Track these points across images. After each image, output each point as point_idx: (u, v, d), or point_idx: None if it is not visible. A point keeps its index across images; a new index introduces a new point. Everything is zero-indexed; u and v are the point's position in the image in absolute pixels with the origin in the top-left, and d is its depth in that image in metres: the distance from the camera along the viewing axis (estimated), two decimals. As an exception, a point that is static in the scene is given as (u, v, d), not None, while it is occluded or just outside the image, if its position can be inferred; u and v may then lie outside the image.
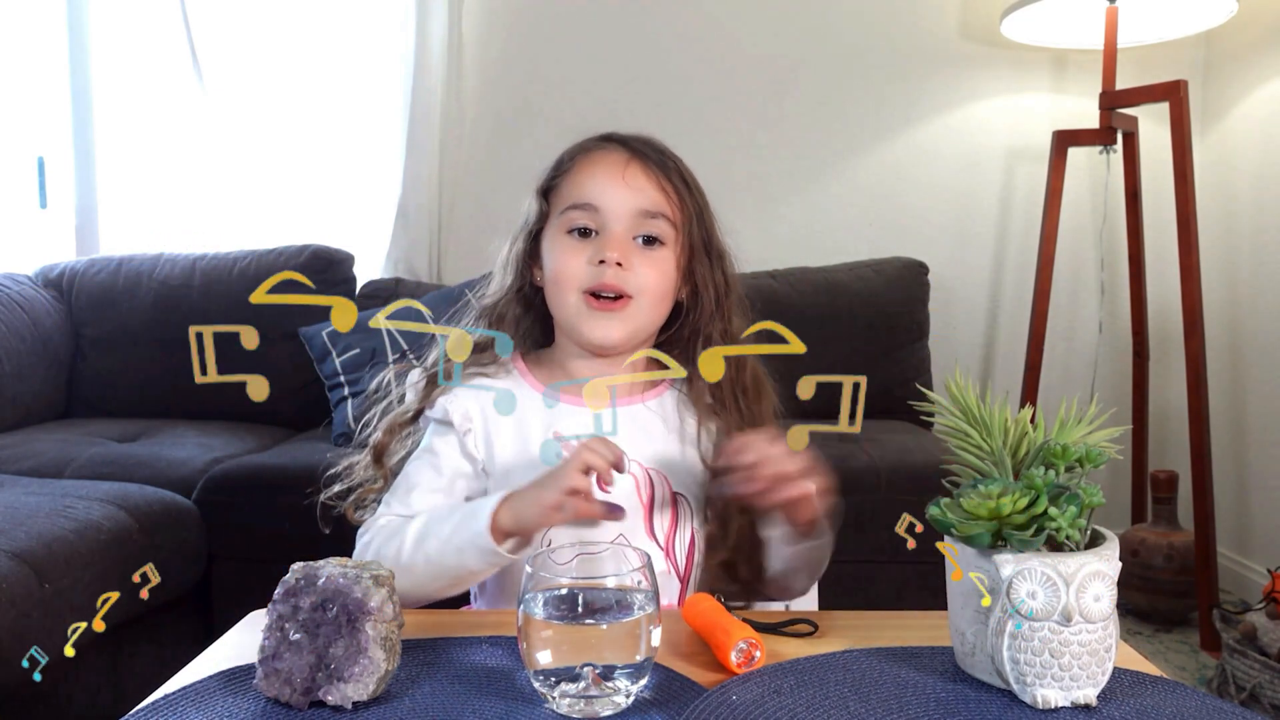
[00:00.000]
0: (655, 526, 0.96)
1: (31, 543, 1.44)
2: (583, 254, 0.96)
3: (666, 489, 0.97)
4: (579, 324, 0.97)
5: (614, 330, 0.96)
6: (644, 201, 0.97)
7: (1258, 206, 2.48)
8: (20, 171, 2.76)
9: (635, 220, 0.97)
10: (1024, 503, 0.66)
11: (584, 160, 1.00)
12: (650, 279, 0.96)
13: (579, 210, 0.97)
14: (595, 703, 0.65)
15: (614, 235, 0.96)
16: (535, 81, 2.77)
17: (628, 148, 0.99)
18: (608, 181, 0.97)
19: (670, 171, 0.99)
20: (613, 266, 0.94)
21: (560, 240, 0.98)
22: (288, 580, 0.69)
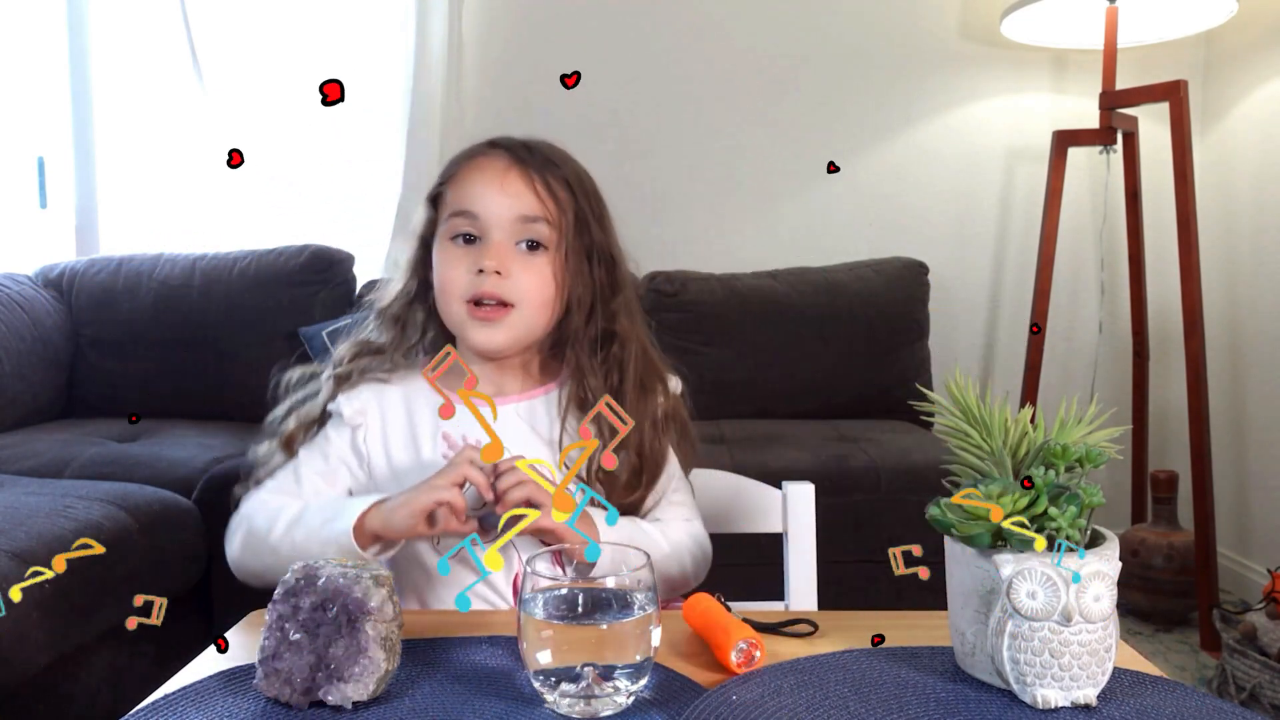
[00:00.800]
0: None
1: (31, 543, 1.44)
2: (463, 263, 0.97)
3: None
4: (463, 331, 0.99)
5: (496, 337, 0.98)
6: (522, 207, 0.97)
7: (1258, 206, 2.48)
8: (20, 171, 2.76)
9: (515, 226, 0.98)
10: (1024, 503, 0.66)
11: (467, 167, 1.01)
12: (530, 285, 0.97)
13: (461, 218, 0.99)
14: (595, 703, 0.65)
15: (494, 243, 0.97)
16: (535, 81, 2.77)
17: (510, 154, 1.00)
18: (486, 189, 0.98)
19: (551, 175, 0.99)
20: (491, 275, 0.96)
21: (444, 248, 1.00)
22: (288, 580, 0.69)
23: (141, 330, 2.43)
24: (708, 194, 2.76)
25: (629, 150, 2.66)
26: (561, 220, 0.98)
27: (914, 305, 2.51)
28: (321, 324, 2.28)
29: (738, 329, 2.42)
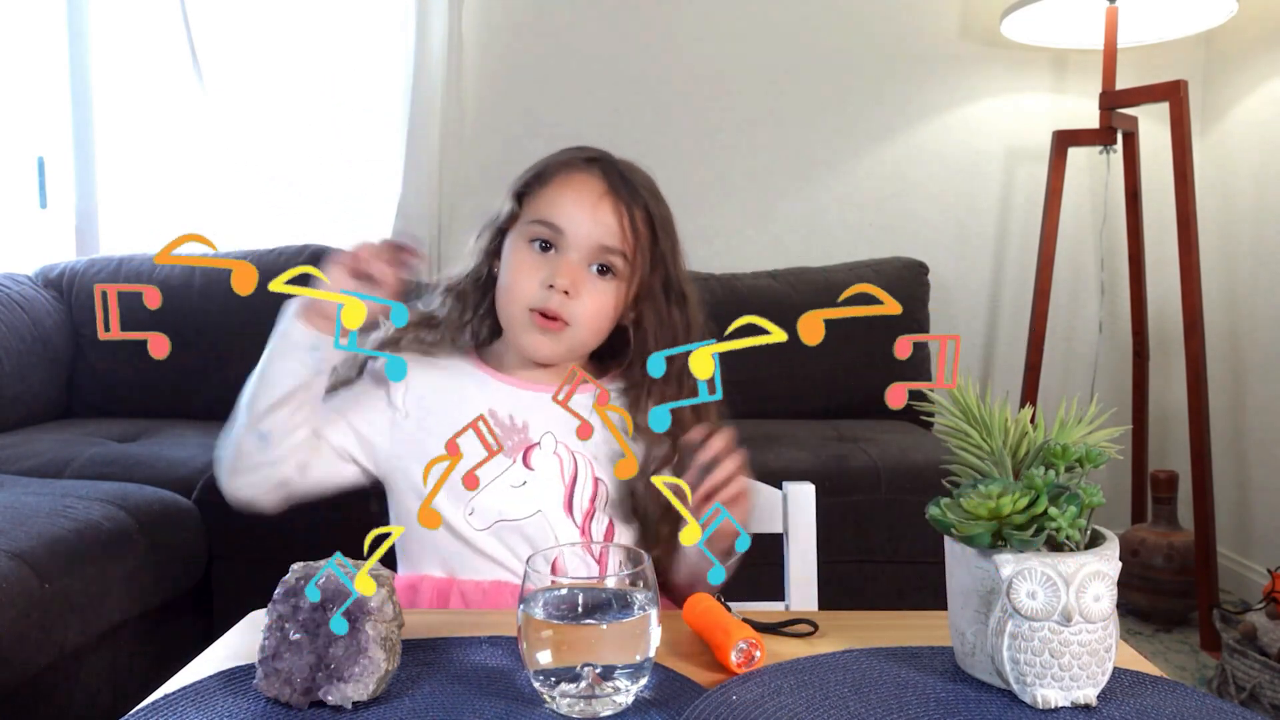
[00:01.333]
0: (574, 505, 1.01)
1: (31, 543, 1.44)
2: (537, 273, 1.00)
3: (590, 473, 1.02)
4: (518, 333, 1.01)
5: (547, 348, 1.01)
6: (607, 237, 1.00)
7: (1258, 206, 2.48)
8: (20, 171, 2.75)
9: (595, 252, 1.00)
10: (1024, 503, 0.66)
11: (563, 179, 1.02)
12: (591, 309, 1.00)
13: (544, 227, 1.00)
14: (595, 703, 0.65)
15: (569, 263, 0.99)
16: (535, 82, 2.77)
17: (607, 179, 1.02)
18: (578, 209, 1.00)
19: (640, 211, 1.01)
20: (560, 294, 0.98)
21: (520, 249, 1.02)
22: (288, 580, 0.69)
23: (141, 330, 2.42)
24: (708, 194, 2.76)
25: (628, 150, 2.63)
26: (636, 256, 1.01)
27: (914, 305, 2.51)
28: (321, 324, 2.28)
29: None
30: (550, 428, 1.01)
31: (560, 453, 1.01)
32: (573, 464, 1.01)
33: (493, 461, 0.96)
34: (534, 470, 0.99)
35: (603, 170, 1.03)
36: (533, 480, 1.00)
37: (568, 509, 1.00)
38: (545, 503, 0.99)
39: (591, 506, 1.02)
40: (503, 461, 0.99)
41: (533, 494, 0.99)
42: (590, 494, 1.02)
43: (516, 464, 1.00)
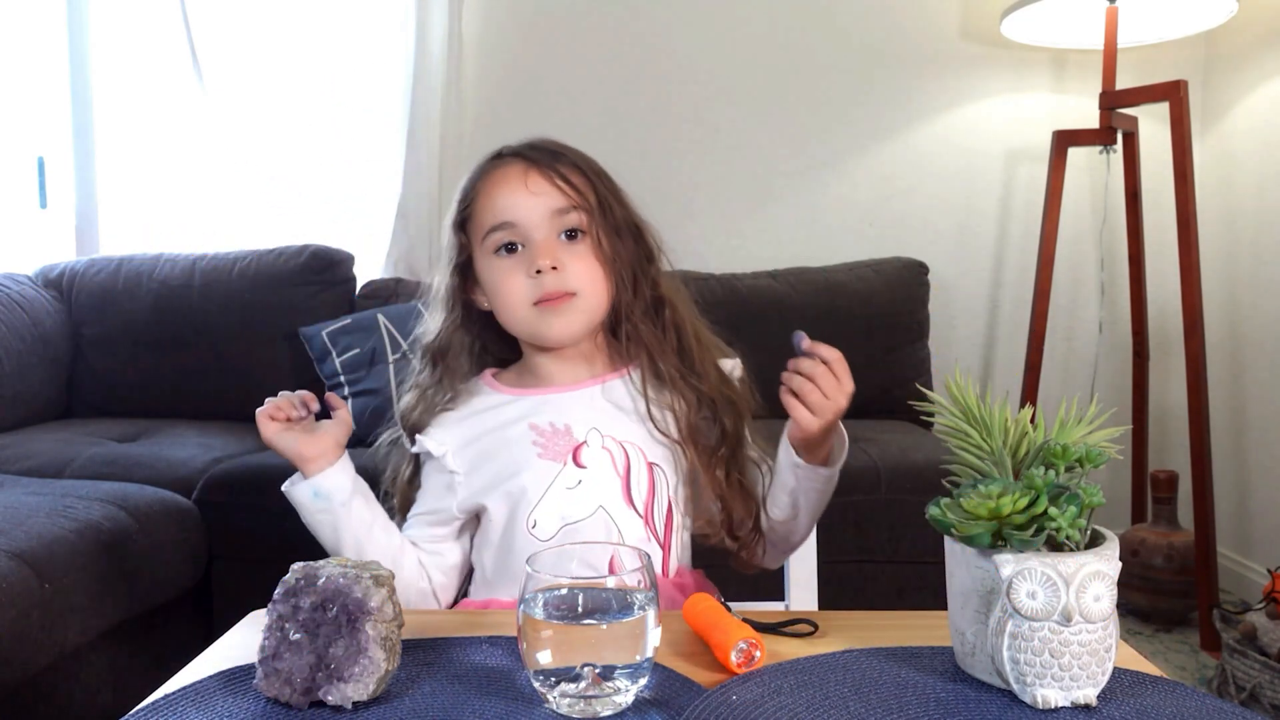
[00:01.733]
0: (633, 495, 1.01)
1: (31, 543, 1.44)
2: (519, 271, 1.00)
3: (643, 459, 1.02)
4: (539, 331, 1.01)
5: (571, 324, 1.01)
6: (552, 202, 1.00)
7: (1258, 206, 2.48)
8: (20, 171, 2.76)
9: (552, 221, 1.00)
10: (1024, 503, 0.66)
11: (486, 182, 1.03)
12: (583, 271, 1.00)
13: (499, 231, 1.01)
14: (595, 703, 0.65)
15: (539, 243, 0.99)
16: (535, 81, 2.77)
17: (521, 157, 1.02)
18: (514, 195, 1.00)
19: (563, 165, 1.02)
20: (549, 273, 0.98)
21: (492, 263, 1.02)
22: (288, 580, 0.69)
23: (141, 330, 2.43)
24: (708, 194, 2.76)
25: (628, 150, 2.65)
26: (587, 204, 1.01)
27: (914, 305, 2.51)
28: (321, 324, 2.28)
29: (738, 329, 2.41)
30: (593, 423, 1.01)
31: (609, 445, 1.01)
32: (623, 455, 1.01)
33: (545, 468, 0.99)
34: (586, 468, 1.00)
35: (513, 154, 1.04)
36: (587, 478, 1.00)
37: (628, 500, 1.00)
38: (604, 498, 1.00)
39: (650, 494, 1.02)
40: (554, 466, 1.00)
41: (590, 492, 1.00)
42: (647, 481, 1.02)
43: (568, 466, 1.00)
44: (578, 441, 1.01)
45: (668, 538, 1.02)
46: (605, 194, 1.03)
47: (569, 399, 1.03)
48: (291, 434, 0.98)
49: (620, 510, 1.00)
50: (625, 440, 1.02)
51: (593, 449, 1.01)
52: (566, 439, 1.01)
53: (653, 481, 1.02)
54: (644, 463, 1.02)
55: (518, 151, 1.04)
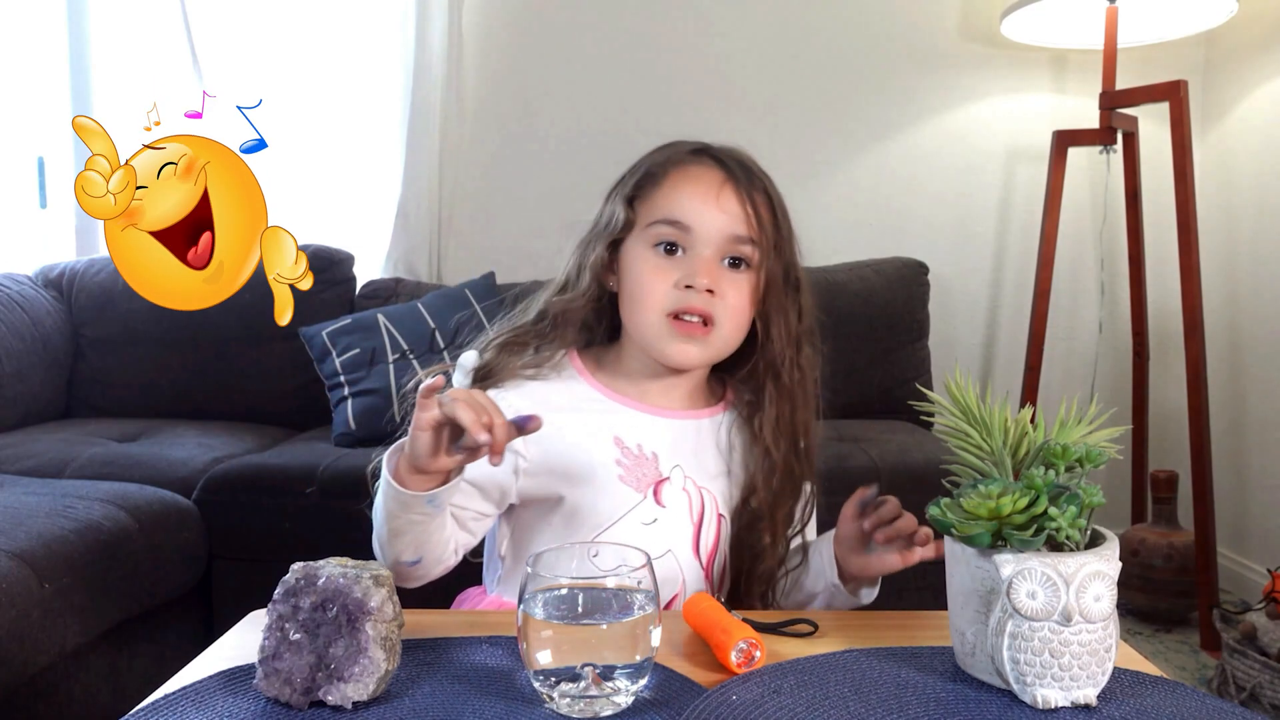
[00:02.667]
0: (701, 544, 0.97)
1: (31, 543, 1.44)
2: (669, 275, 0.94)
3: (715, 509, 0.98)
4: (659, 344, 0.95)
5: (695, 354, 0.95)
6: (735, 226, 0.95)
7: (1258, 206, 2.48)
8: (20, 171, 2.75)
9: (725, 244, 0.95)
10: (1024, 503, 0.66)
11: (678, 175, 0.97)
12: (735, 304, 0.95)
13: (669, 226, 0.95)
14: (595, 703, 0.65)
15: (704, 259, 0.94)
16: (536, 81, 2.77)
17: (723, 167, 0.97)
18: (702, 202, 0.95)
19: (760, 196, 0.97)
20: (701, 293, 0.93)
21: (646, 255, 0.96)
22: (288, 580, 0.69)
23: (141, 330, 2.42)
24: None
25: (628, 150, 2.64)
26: (765, 242, 0.96)
27: (914, 305, 2.50)
28: (321, 324, 2.28)
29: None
30: (678, 460, 0.97)
31: (689, 488, 0.97)
32: (700, 501, 0.97)
33: (624, 495, 0.94)
34: (665, 507, 0.95)
35: (714, 159, 0.98)
36: (663, 518, 0.95)
37: (695, 550, 0.96)
38: (674, 542, 0.95)
39: (715, 544, 0.98)
40: (633, 496, 0.94)
41: (663, 533, 0.95)
42: (715, 533, 0.98)
43: (647, 499, 0.95)
44: (662, 476, 0.96)
45: (720, 591, 1.00)
46: (784, 237, 0.98)
47: (660, 425, 0.98)
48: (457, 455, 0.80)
49: (687, 559, 0.96)
50: (704, 486, 0.97)
51: (674, 487, 0.96)
52: (652, 469, 0.96)
53: (719, 534, 0.98)
54: (716, 513, 0.98)
55: (719, 158, 0.98)
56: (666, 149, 1.01)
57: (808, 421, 1.01)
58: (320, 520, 1.85)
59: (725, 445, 1.00)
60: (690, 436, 0.99)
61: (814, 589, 0.97)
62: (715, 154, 0.99)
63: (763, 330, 0.98)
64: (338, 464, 1.91)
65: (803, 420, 1.00)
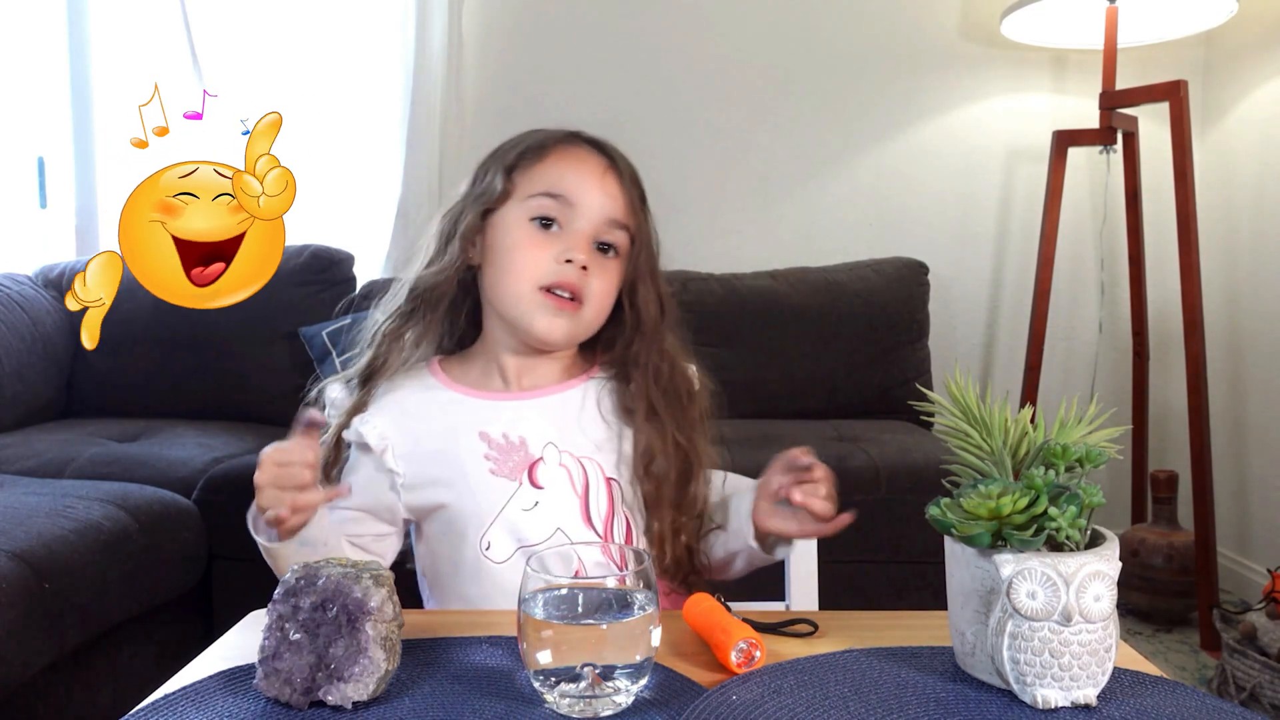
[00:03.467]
0: (592, 514, 0.96)
1: (31, 543, 1.44)
2: (548, 248, 0.94)
3: (601, 475, 0.97)
4: (528, 317, 0.95)
5: (563, 328, 0.96)
6: (615, 211, 0.97)
7: (1258, 206, 2.48)
8: (20, 171, 2.75)
9: (602, 227, 0.96)
10: (1024, 503, 0.66)
11: (563, 152, 0.98)
12: (602, 288, 0.97)
13: (551, 200, 0.95)
14: (595, 703, 0.65)
15: (581, 234, 0.95)
16: (535, 81, 2.77)
17: (606, 156, 0.99)
18: (585, 181, 0.96)
19: (635, 188, 0.99)
20: (578, 269, 0.94)
21: (524, 227, 0.96)
22: (288, 580, 0.69)
23: (141, 330, 2.42)
24: (708, 194, 2.76)
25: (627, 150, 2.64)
26: (634, 233, 0.98)
27: (914, 305, 2.51)
28: (321, 324, 2.28)
29: (738, 329, 2.41)
30: (549, 437, 0.96)
31: (566, 463, 0.96)
32: (582, 471, 0.96)
33: (499, 487, 0.94)
34: (543, 488, 0.94)
35: (597, 147, 1.00)
36: (544, 499, 0.94)
37: (586, 520, 0.95)
38: (562, 519, 0.95)
39: (609, 510, 0.97)
40: (508, 485, 0.94)
41: (547, 514, 0.94)
42: (606, 498, 0.97)
43: (524, 485, 0.94)
44: (534, 458, 0.95)
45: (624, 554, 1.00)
46: (649, 233, 1.00)
47: (524, 408, 0.97)
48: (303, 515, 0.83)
49: (579, 531, 0.95)
50: (584, 456, 0.96)
51: (549, 466, 0.95)
52: (521, 454, 0.95)
53: (611, 498, 0.97)
54: (602, 478, 0.97)
55: (601, 147, 0.99)
56: (542, 131, 1.01)
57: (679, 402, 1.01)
58: (320, 520, 1.84)
59: (596, 409, 1.00)
60: (559, 410, 0.99)
61: (733, 548, 0.98)
62: (593, 141, 1.01)
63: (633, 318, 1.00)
64: (338, 464, 1.91)
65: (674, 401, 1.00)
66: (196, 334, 2.39)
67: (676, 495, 0.98)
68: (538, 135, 1.00)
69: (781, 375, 2.39)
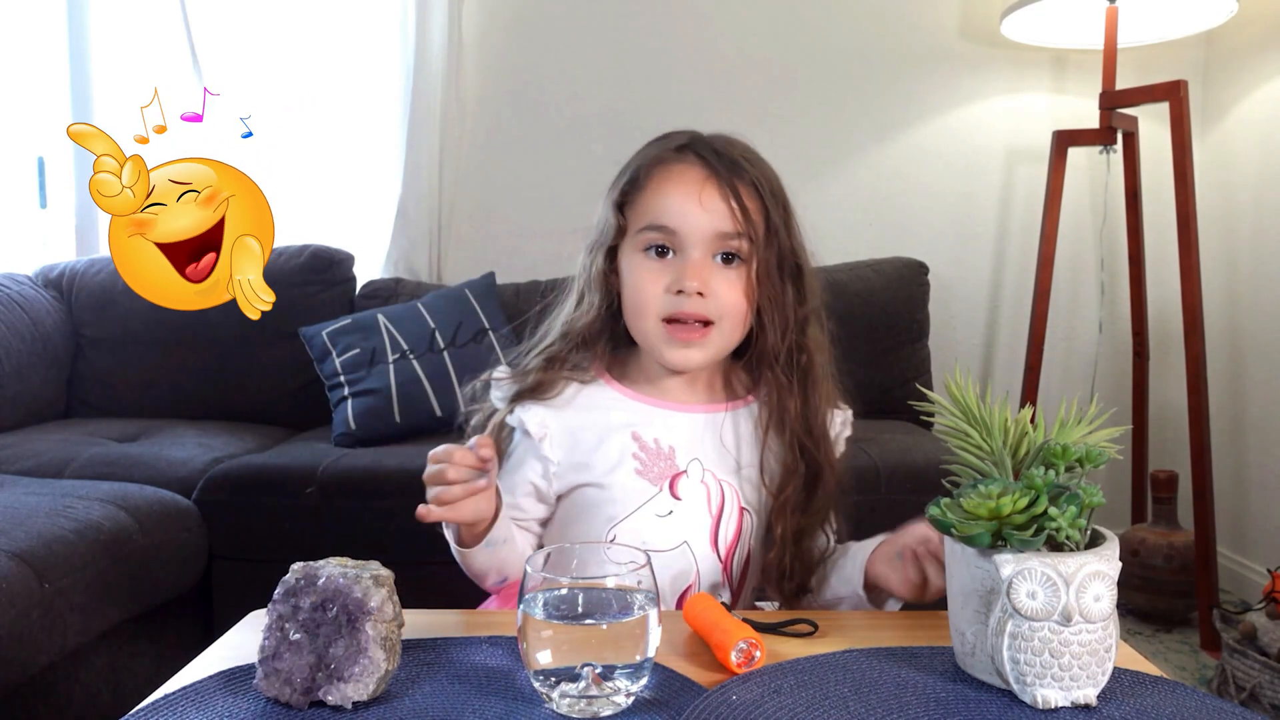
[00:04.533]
0: (719, 538, 0.97)
1: (31, 543, 1.44)
2: (661, 279, 0.95)
3: (736, 502, 0.98)
4: (658, 349, 0.96)
5: (694, 357, 0.96)
6: (720, 223, 0.94)
7: (1258, 206, 2.48)
8: (20, 171, 2.75)
9: (713, 242, 0.95)
10: (1024, 503, 0.66)
11: (660, 176, 0.97)
12: (729, 301, 0.95)
13: (655, 232, 0.95)
14: (595, 703, 0.65)
15: (692, 262, 0.94)
16: (535, 81, 2.77)
17: (704, 163, 0.96)
18: (684, 203, 0.94)
19: (746, 187, 0.96)
20: (693, 296, 0.93)
21: (637, 261, 0.97)
22: (288, 580, 0.69)
23: (141, 330, 2.43)
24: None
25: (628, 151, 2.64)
26: (755, 234, 0.96)
27: (914, 305, 2.50)
28: (321, 324, 2.28)
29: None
30: (696, 453, 0.97)
31: (707, 481, 0.97)
32: (719, 494, 0.97)
33: (640, 488, 0.95)
34: (681, 500, 0.96)
35: (696, 154, 0.97)
36: (679, 510, 0.96)
37: (713, 543, 0.97)
38: (691, 534, 0.96)
39: (735, 539, 0.98)
40: (648, 489, 0.96)
41: (679, 525, 0.96)
42: (735, 526, 0.98)
43: (663, 492, 0.96)
44: (678, 469, 0.97)
45: (742, 584, 1.00)
46: (777, 223, 0.97)
47: (678, 420, 0.99)
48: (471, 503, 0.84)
49: (703, 551, 0.96)
50: (725, 479, 0.98)
51: (691, 481, 0.97)
52: (668, 463, 0.97)
53: (740, 527, 0.98)
54: (737, 506, 0.98)
55: (701, 153, 0.97)
56: (653, 145, 1.01)
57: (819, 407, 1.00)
58: (320, 520, 1.85)
59: (750, 436, 1.00)
60: (710, 430, 1.00)
61: (841, 594, 0.98)
62: (699, 149, 0.98)
63: (756, 321, 0.99)
64: (338, 464, 1.91)
65: (814, 407, 0.99)
66: (196, 334, 2.39)
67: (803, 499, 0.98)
68: (639, 159, 1.00)
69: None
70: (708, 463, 0.98)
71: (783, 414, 0.98)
